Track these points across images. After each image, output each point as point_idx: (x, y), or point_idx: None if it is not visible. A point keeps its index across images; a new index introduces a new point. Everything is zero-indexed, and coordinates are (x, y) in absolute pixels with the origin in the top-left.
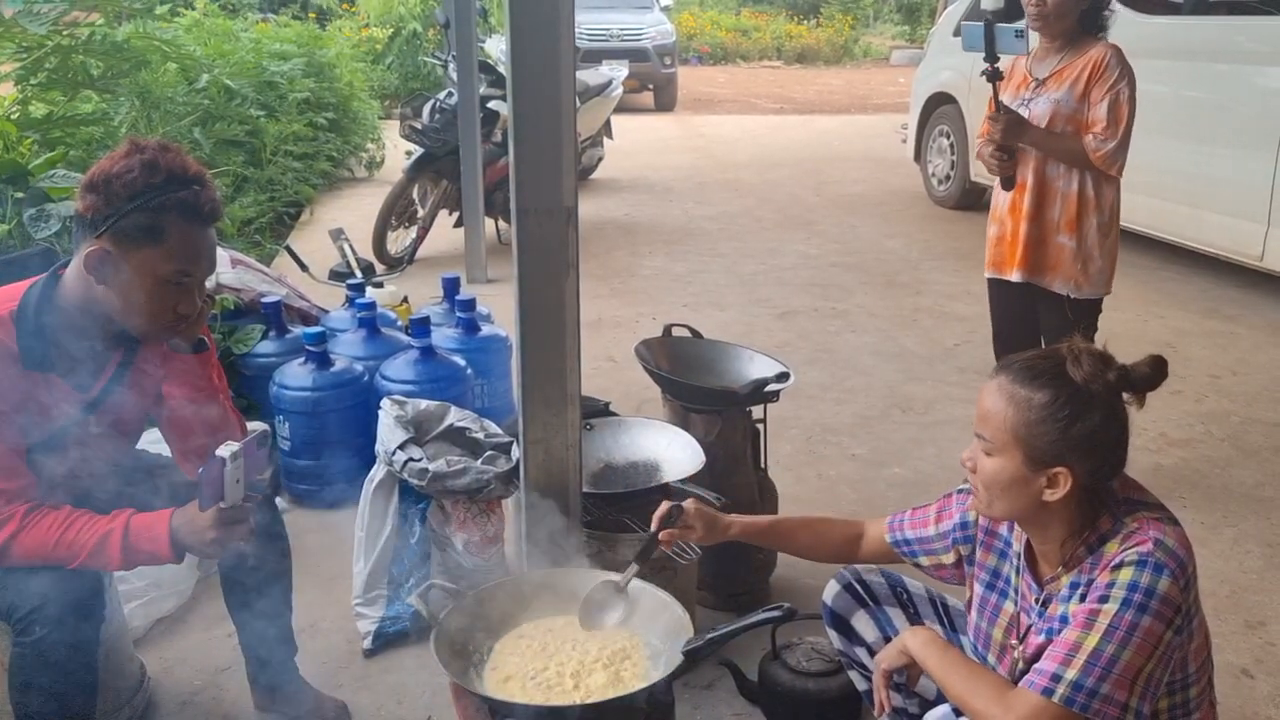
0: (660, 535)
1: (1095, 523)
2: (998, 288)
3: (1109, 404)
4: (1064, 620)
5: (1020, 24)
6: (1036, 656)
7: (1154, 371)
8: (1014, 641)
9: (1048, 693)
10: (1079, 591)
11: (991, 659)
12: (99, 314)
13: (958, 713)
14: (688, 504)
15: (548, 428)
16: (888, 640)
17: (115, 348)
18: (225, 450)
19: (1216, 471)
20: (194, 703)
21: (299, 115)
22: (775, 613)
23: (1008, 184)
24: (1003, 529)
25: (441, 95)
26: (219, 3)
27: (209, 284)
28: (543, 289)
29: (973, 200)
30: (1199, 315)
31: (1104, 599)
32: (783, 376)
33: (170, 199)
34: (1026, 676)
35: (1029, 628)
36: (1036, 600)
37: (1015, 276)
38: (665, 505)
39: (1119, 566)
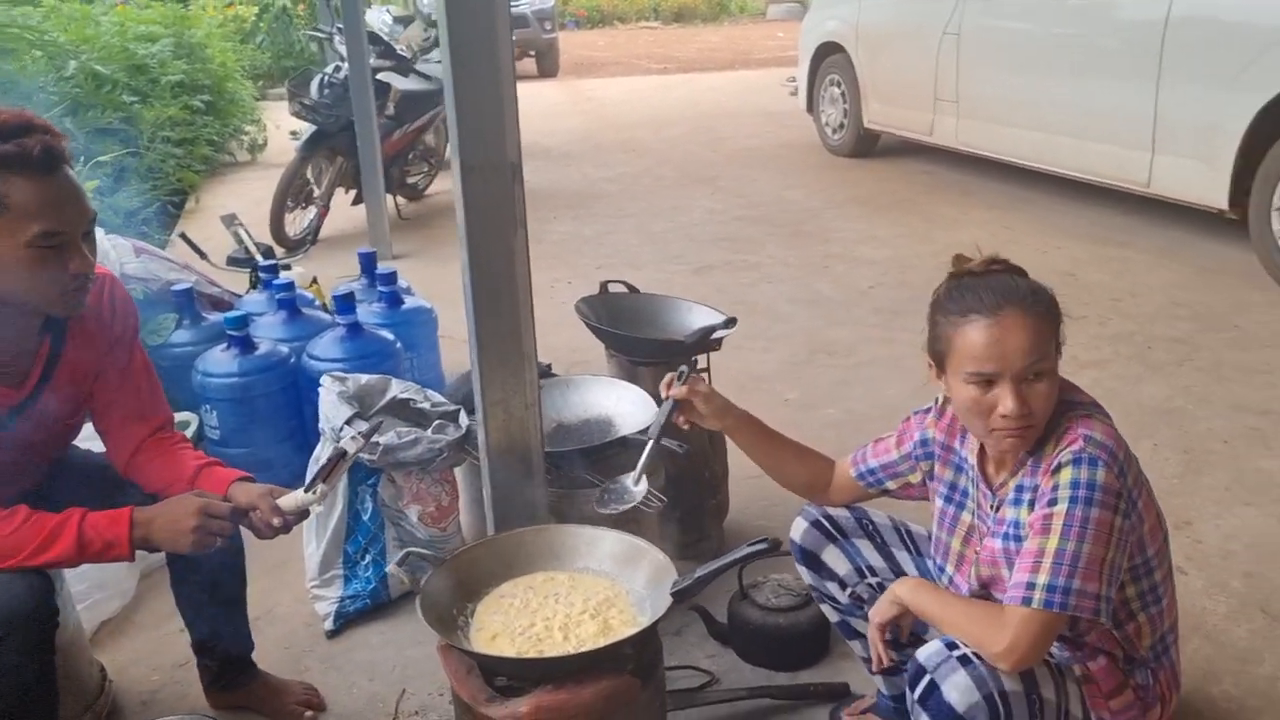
0: (675, 394)
1: None
2: None
3: None
4: (1016, 525)
5: None
6: (991, 559)
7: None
8: (973, 550)
9: (1026, 601)
10: (1027, 497)
11: (950, 569)
12: (6, 300)
13: (951, 645)
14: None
15: (506, 387)
16: (858, 571)
17: (41, 335)
18: (350, 445)
19: (1128, 389)
20: (156, 700)
21: (174, 99)
22: (762, 545)
23: None
24: (957, 443)
25: (329, 70)
26: None
27: (137, 267)
28: (492, 246)
29: (867, 147)
30: (1093, 244)
31: (1053, 502)
32: (730, 322)
33: None
34: (1008, 594)
35: (984, 534)
36: (991, 506)
37: None
38: (670, 375)
39: (1058, 469)
